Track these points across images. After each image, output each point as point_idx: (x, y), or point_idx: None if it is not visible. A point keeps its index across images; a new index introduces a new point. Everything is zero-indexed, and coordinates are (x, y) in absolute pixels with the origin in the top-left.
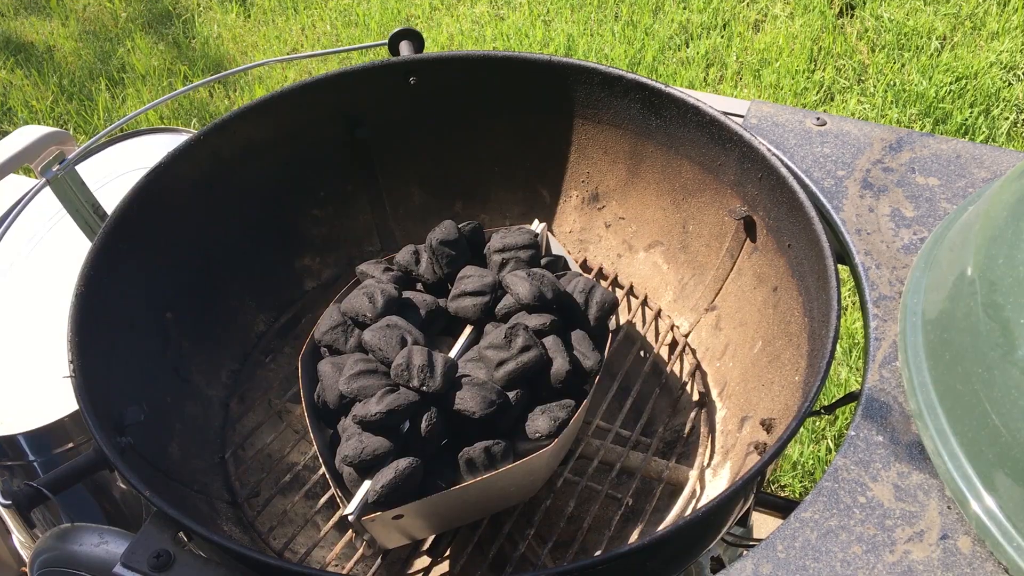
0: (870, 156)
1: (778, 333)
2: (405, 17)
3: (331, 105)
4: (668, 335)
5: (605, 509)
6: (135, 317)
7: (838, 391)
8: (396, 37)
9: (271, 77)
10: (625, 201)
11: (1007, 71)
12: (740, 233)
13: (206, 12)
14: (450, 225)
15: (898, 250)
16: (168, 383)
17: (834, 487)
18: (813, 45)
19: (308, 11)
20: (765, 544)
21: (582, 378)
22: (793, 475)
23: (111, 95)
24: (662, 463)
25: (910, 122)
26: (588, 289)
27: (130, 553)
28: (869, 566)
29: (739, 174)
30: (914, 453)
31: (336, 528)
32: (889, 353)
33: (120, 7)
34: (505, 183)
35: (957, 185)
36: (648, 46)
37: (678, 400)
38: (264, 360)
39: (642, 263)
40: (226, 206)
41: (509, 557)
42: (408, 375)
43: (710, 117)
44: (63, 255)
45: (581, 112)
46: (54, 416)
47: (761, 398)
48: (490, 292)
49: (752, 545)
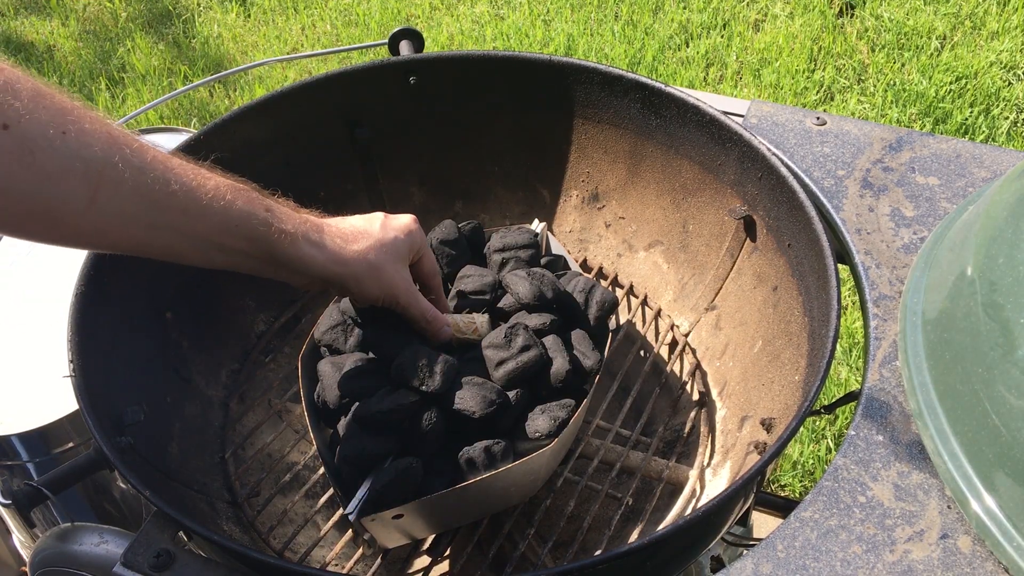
0: (870, 156)
1: (778, 333)
2: (405, 17)
3: (331, 105)
4: (668, 335)
5: (605, 509)
6: (135, 317)
7: (838, 391)
8: (396, 37)
9: (271, 77)
10: (625, 201)
11: (1007, 71)
12: (740, 233)
13: (206, 12)
14: (450, 225)
15: (898, 250)
16: (168, 383)
17: (834, 487)
18: (813, 45)
19: (308, 11)
20: (765, 544)
21: (582, 378)
22: (793, 475)
23: (111, 95)
24: (662, 463)
25: (910, 122)
26: (588, 289)
27: (130, 553)
28: (869, 566)
29: (739, 174)
30: (914, 453)
31: (336, 528)
32: (889, 353)
33: (120, 7)
34: (505, 183)
35: (957, 185)
36: (648, 46)
37: (678, 400)
38: (264, 360)
39: (642, 263)
40: None
41: (509, 557)
42: (408, 375)
43: (710, 117)
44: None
45: (581, 112)
46: (54, 416)
47: (761, 398)
48: (490, 292)
49: (752, 545)
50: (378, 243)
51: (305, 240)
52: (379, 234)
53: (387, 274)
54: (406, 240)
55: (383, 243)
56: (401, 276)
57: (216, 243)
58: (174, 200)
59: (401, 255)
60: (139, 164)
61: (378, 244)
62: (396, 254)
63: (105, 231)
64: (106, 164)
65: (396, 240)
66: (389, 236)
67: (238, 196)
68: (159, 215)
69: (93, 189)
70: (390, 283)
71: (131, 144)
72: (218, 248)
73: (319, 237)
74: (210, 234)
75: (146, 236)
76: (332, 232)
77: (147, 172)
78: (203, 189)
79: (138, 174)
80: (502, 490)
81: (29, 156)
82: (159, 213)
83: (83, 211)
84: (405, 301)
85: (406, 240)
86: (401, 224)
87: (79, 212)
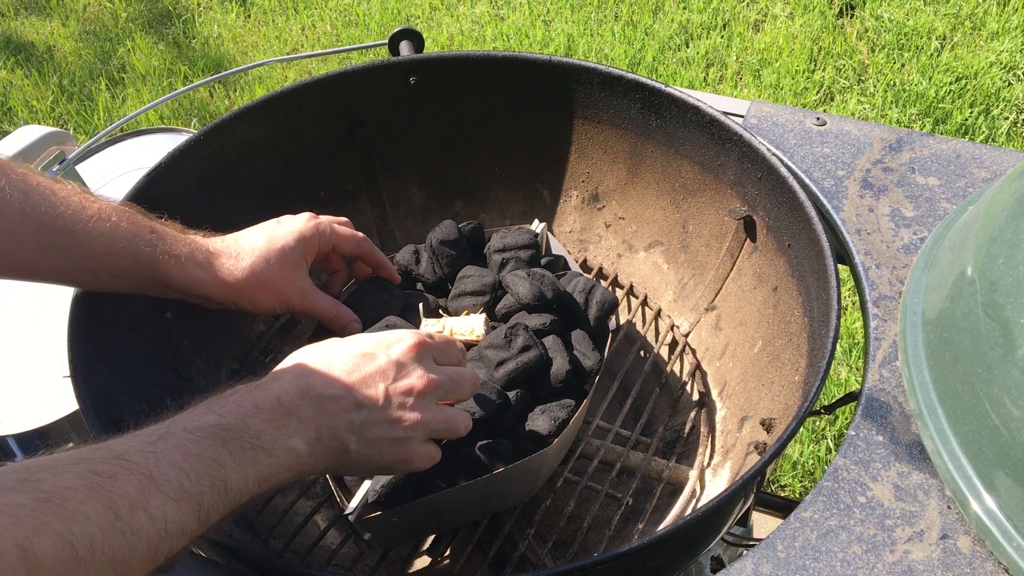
0: (870, 156)
1: (778, 333)
2: (405, 17)
3: (331, 105)
4: (668, 335)
5: (605, 509)
6: (135, 317)
7: (838, 391)
8: (396, 37)
9: (271, 77)
10: (625, 201)
11: (1007, 71)
12: (740, 233)
13: (206, 12)
14: (450, 225)
15: (898, 250)
16: (168, 383)
17: (834, 487)
18: (813, 45)
19: (308, 11)
20: (765, 544)
21: (582, 378)
22: (793, 475)
23: (111, 95)
24: (662, 463)
25: (910, 122)
26: (588, 289)
27: None
28: (869, 566)
29: (739, 174)
30: (914, 453)
31: (336, 528)
32: (889, 353)
33: (120, 7)
34: (505, 183)
35: (957, 185)
36: (648, 46)
37: (678, 400)
38: (264, 360)
39: (642, 263)
40: (226, 206)
41: (509, 557)
42: None
43: (710, 117)
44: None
45: (581, 112)
46: (53, 416)
47: (761, 398)
48: (490, 292)
49: (752, 545)
50: (263, 257)
51: (191, 262)
52: (264, 247)
53: (276, 286)
54: (297, 246)
55: (268, 256)
56: (293, 284)
57: (103, 266)
58: (60, 222)
59: (292, 262)
60: (24, 189)
61: (263, 258)
62: (285, 262)
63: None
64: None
65: (284, 249)
66: (276, 247)
67: (122, 218)
68: (46, 237)
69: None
70: (282, 293)
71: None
72: (105, 271)
73: (206, 258)
74: (96, 256)
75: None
76: (219, 252)
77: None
78: (87, 212)
79: (23, 198)
80: (502, 490)
81: None
82: (46, 235)
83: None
84: (301, 307)
85: (297, 246)
86: (290, 229)
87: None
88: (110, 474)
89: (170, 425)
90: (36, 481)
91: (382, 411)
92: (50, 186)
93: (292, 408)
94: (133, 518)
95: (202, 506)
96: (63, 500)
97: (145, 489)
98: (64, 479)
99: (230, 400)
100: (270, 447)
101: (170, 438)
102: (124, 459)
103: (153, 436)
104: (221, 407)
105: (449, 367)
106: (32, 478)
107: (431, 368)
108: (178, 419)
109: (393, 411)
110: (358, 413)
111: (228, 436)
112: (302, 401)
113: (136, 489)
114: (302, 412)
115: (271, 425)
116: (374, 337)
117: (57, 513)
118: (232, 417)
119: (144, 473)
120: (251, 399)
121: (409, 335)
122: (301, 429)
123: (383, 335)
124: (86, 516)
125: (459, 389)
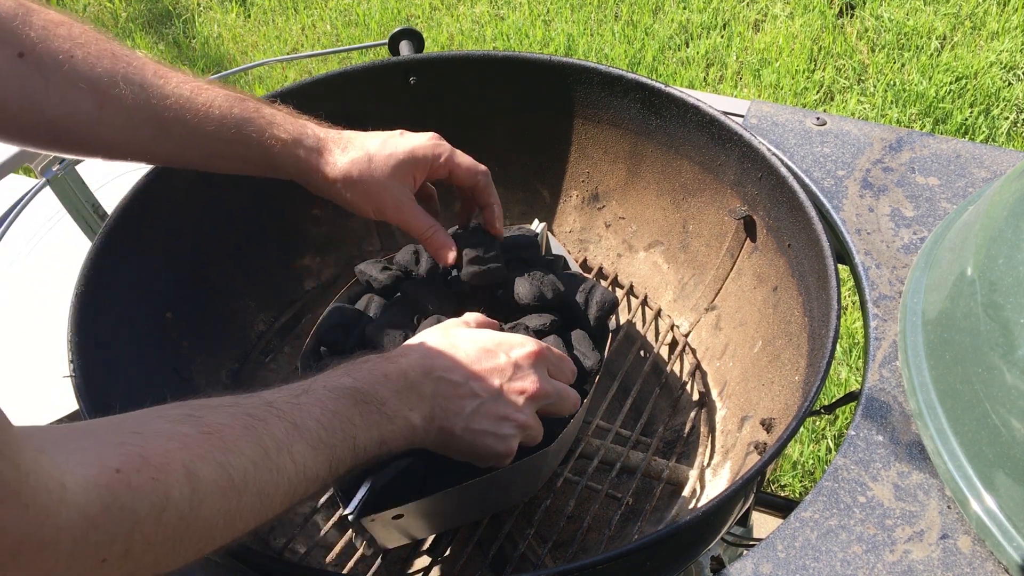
0: (870, 156)
1: (778, 333)
2: (405, 17)
3: (331, 105)
4: (668, 335)
5: (605, 509)
6: (135, 317)
7: (838, 391)
8: (396, 37)
9: (271, 77)
10: (625, 201)
11: (1007, 71)
12: (740, 233)
13: (206, 12)
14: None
15: (898, 250)
16: (168, 383)
17: (834, 487)
18: (813, 45)
19: (308, 11)
20: (765, 544)
21: (582, 378)
22: (793, 475)
23: None
24: (662, 463)
25: (910, 122)
26: (588, 289)
27: None
28: (869, 566)
29: (739, 174)
30: (914, 453)
31: (336, 528)
32: (889, 353)
33: (120, 7)
34: (505, 183)
35: (957, 185)
36: (648, 46)
37: (678, 400)
38: (264, 360)
39: (642, 263)
40: (226, 206)
41: (509, 557)
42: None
43: (710, 117)
44: (63, 255)
45: (581, 112)
46: (53, 416)
47: (761, 398)
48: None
49: (752, 545)
50: (366, 158)
51: (298, 145)
52: (372, 150)
53: (371, 190)
54: (406, 158)
55: (373, 159)
56: (390, 193)
57: (214, 150)
58: (171, 112)
59: (396, 172)
60: (139, 80)
61: (365, 159)
62: (388, 170)
63: (111, 142)
64: (110, 83)
65: (391, 156)
66: (384, 152)
67: (235, 104)
68: (159, 126)
69: (99, 107)
70: (375, 199)
71: (132, 62)
72: (217, 155)
73: (314, 143)
74: (208, 141)
75: (149, 145)
76: (328, 139)
77: (147, 88)
78: (199, 100)
79: (139, 90)
80: (502, 490)
81: (43, 80)
82: (159, 124)
83: (92, 125)
84: (395, 218)
85: (406, 158)
86: (407, 142)
87: (88, 126)
88: (261, 417)
89: (312, 383)
90: (199, 417)
91: (492, 405)
92: (164, 75)
93: (415, 383)
94: (279, 458)
95: (334, 458)
96: (222, 435)
97: (290, 435)
98: (223, 417)
99: (364, 367)
100: (392, 415)
101: (312, 394)
102: (273, 407)
103: (297, 391)
104: (356, 372)
105: (559, 382)
106: (196, 414)
107: (544, 378)
108: (319, 378)
109: (502, 408)
110: (471, 402)
111: (360, 398)
112: (424, 379)
113: (283, 434)
114: (423, 389)
115: (395, 396)
116: (499, 336)
117: (218, 445)
118: (364, 382)
119: (290, 421)
120: (381, 369)
121: (532, 342)
122: (420, 404)
123: (508, 336)
124: (241, 451)
125: (563, 404)
